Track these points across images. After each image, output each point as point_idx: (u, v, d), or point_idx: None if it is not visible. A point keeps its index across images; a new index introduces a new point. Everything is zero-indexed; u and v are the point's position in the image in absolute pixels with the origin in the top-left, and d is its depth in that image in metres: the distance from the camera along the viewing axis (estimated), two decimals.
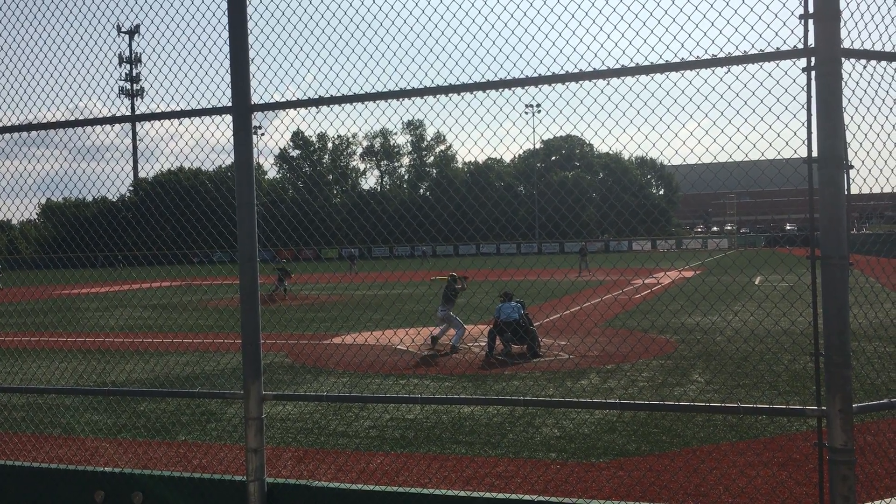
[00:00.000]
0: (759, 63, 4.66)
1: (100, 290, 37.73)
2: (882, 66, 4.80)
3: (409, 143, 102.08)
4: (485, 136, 5.94)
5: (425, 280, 18.69)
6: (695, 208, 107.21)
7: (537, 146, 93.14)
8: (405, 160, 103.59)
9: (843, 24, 4.45)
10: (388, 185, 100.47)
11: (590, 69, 5.03)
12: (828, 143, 4.42)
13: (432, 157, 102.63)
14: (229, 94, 5.77)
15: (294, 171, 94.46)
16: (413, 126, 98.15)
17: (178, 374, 14.26)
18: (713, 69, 4.79)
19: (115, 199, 53.01)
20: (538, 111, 26.67)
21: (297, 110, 5.94)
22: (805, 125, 4.59)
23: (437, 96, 5.48)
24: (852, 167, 4.70)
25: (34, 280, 33.61)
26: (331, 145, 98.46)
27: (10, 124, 6.84)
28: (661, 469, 7.98)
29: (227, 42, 5.74)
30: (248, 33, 5.74)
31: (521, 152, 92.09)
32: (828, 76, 4.41)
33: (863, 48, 4.63)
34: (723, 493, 7.26)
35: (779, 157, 5.03)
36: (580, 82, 5.13)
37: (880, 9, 4.71)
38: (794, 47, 4.56)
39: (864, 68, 4.71)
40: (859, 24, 4.64)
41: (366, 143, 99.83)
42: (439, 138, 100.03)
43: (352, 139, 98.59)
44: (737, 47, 4.68)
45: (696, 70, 4.83)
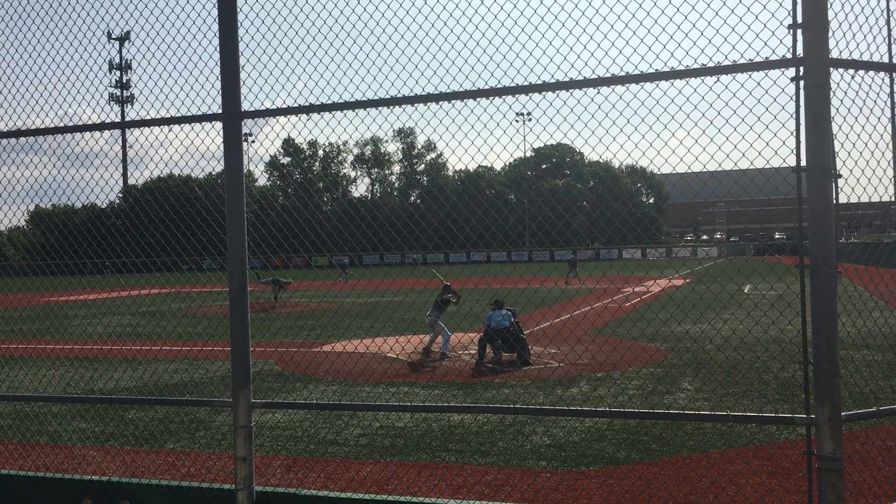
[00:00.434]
0: (748, 72, 4.69)
1: (88, 298, 37.53)
2: (870, 76, 4.84)
3: (399, 151, 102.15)
4: (475, 144, 5.95)
5: (429, 272, 18.67)
6: (684, 217, 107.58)
7: (528, 154, 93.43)
8: (396, 168, 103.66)
9: (831, 34, 4.48)
10: (378, 193, 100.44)
11: (580, 78, 5.05)
12: (816, 153, 4.45)
13: (423, 165, 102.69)
14: (220, 100, 5.76)
15: (284, 178, 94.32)
16: (404, 134, 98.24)
17: (167, 381, 14.18)
18: (702, 78, 4.82)
19: (105, 205, 52.77)
20: (529, 119, 26.75)
21: (288, 117, 5.94)
22: (794, 134, 4.61)
23: (428, 104, 5.49)
24: (840, 176, 4.73)
25: (22, 287, 33.41)
26: (321, 153, 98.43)
27: None
28: (650, 477, 7.98)
29: (218, 49, 5.74)
30: (239, 40, 5.73)
31: (511, 160, 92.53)
32: (816, 86, 4.44)
33: (851, 58, 4.67)
34: (712, 501, 7.26)
35: (768, 166, 5.05)
36: (570, 91, 5.14)
37: (868, 19, 4.75)
38: (783, 57, 4.59)
39: (853, 78, 4.75)
40: (847, 35, 4.67)
41: (356, 150, 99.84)
42: (430, 146, 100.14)
43: (342, 146, 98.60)
44: (726, 57, 4.70)
45: (686, 79, 4.85)
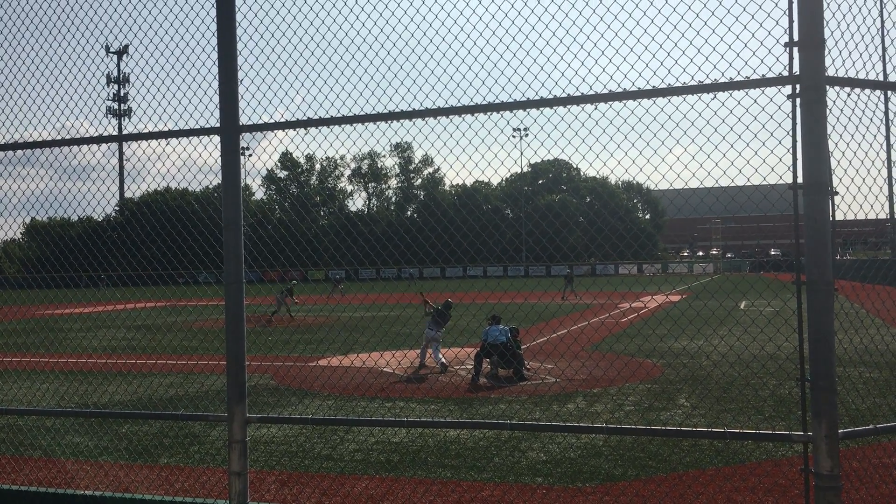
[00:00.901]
0: (745, 90, 4.71)
1: (83, 311, 37.42)
2: (866, 94, 4.86)
3: (396, 166, 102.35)
4: (472, 158, 5.96)
5: (413, 303, 18.55)
6: (681, 233, 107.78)
7: (524, 170, 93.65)
8: (393, 182, 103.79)
9: (827, 52, 4.51)
10: (375, 208, 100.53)
11: (577, 94, 5.07)
12: (813, 170, 4.46)
13: (420, 180, 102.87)
14: (217, 114, 5.77)
15: (281, 192, 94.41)
16: (401, 148, 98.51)
17: (162, 395, 14.12)
18: (699, 95, 4.84)
19: (101, 218, 52.72)
20: (526, 135, 26.81)
21: (286, 131, 5.95)
22: (790, 151, 4.63)
23: (426, 119, 5.51)
24: (837, 193, 4.74)
25: (17, 300, 33.31)
26: (318, 167, 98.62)
27: None
28: (647, 494, 7.94)
29: (216, 63, 5.75)
30: (238, 54, 5.75)
31: (508, 175, 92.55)
32: (812, 103, 4.46)
33: (847, 76, 4.69)
34: None
35: (764, 182, 5.07)
36: (568, 107, 5.16)
37: (864, 38, 4.78)
38: (780, 74, 4.61)
39: (849, 96, 4.77)
40: (843, 53, 4.70)
41: (354, 164, 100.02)
42: (427, 161, 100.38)
43: (340, 161, 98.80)
44: (723, 74, 4.73)
45: (683, 96, 4.87)
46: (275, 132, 6.01)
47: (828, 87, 4.52)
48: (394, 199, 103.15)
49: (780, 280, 40.24)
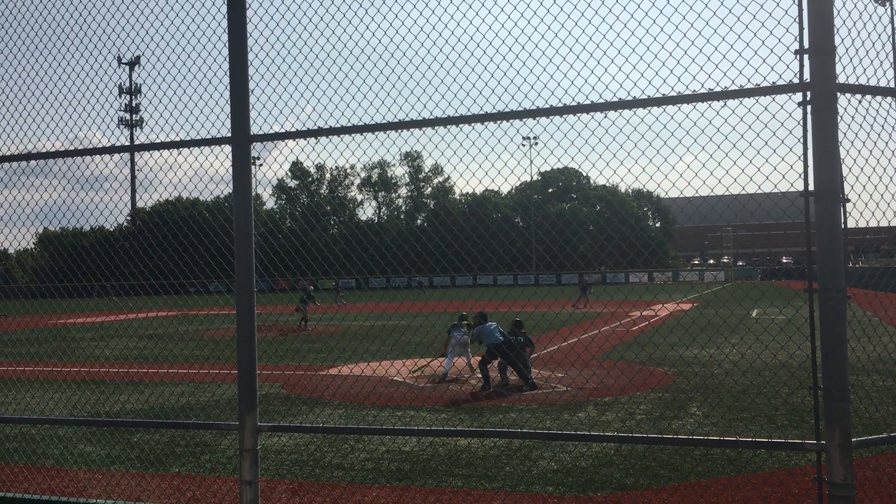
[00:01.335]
0: (756, 97, 4.71)
1: (95, 320, 37.58)
2: (877, 101, 4.85)
3: (406, 175, 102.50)
4: (482, 167, 5.97)
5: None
6: (692, 241, 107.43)
7: (534, 178, 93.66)
8: (403, 191, 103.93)
9: (838, 59, 4.50)
10: (385, 216, 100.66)
11: (587, 102, 5.07)
12: (824, 177, 4.45)
13: (430, 189, 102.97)
14: (228, 124, 5.81)
15: (292, 201, 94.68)
16: (411, 157, 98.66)
17: (173, 404, 14.15)
18: (709, 103, 4.83)
19: (113, 228, 52.97)
20: (535, 143, 26.82)
21: (296, 141, 5.97)
22: (801, 159, 4.62)
23: (436, 128, 5.52)
24: (849, 201, 4.72)
25: (30, 309, 33.48)
26: (329, 176, 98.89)
27: (9, 154, 6.86)
28: (659, 503, 7.90)
29: (227, 73, 5.79)
30: (248, 64, 5.78)
31: (518, 184, 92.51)
32: (823, 110, 4.45)
33: (858, 83, 4.68)
34: None
35: (775, 190, 5.05)
36: (577, 115, 5.16)
37: (874, 45, 4.77)
38: (790, 82, 4.60)
39: (860, 103, 4.76)
40: (854, 60, 4.69)
41: (364, 173, 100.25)
42: (437, 170, 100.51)
43: (350, 170, 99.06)
44: (733, 81, 4.72)
45: (693, 104, 4.87)
46: (285, 142, 6.04)
47: (839, 94, 4.51)
48: (404, 207, 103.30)
49: (792, 288, 40.04)
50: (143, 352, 23.88)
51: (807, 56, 4.53)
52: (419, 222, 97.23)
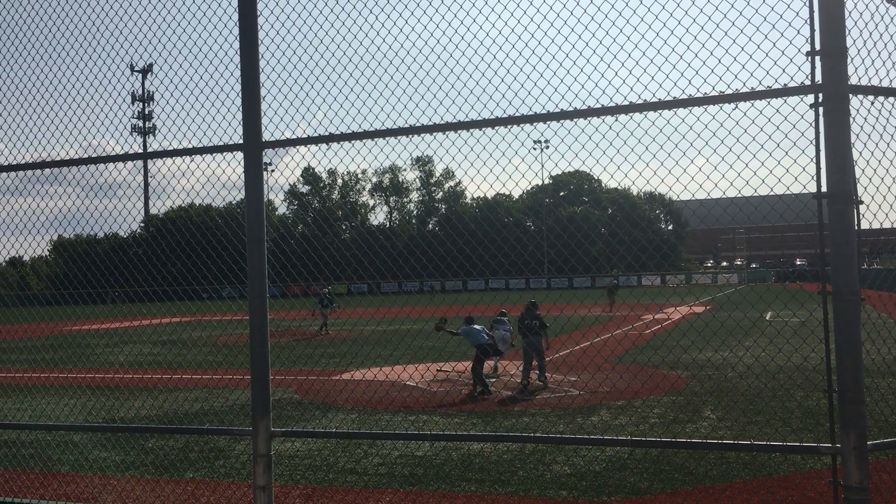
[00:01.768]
0: (767, 99, 4.69)
1: (109, 327, 37.78)
2: (889, 102, 4.82)
3: (417, 179, 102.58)
4: (493, 171, 5.97)
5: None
6: (704, 243, 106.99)
7: (546, 182, 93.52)
8: (414, 196, 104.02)
9: (850, 60, 4.48)
10: (396, 221, 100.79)
11: (598, 105, 5.07)
12: (837, 179, 4.43)
13: (441, 193, 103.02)
14: (240, 131, 5.84)
15: (304, 207, 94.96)
16: (422, 162, 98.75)
17: (187, 410, 14.20)
18: (721, 105, 4.82)
19: (127, 235, 53.24)
20: (546, 147, 26.83)
21: (308, 147, 5.99)
22: (814, 161, 4.60)
23: (447, 133, 5.53)
24: (862, 202, 4.69)
25: (45, 316, 33.68)
26: (340, 181, 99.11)
27: (23, 162, 6.92)
28: None
29: (239, 80, 5.82)
30: (260, 71, 5.81)
31: (529, 188, 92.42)
32: (835, 112, 4.43)
33: (870, 84, 4.65)
34: None
35: (788, 192, 5.03)
36: (588, 119, 5.16)
37: (887, 46, 4.75)
38: (802, 84, 4.58)
39: (872, 104, 4.73)
40: (866, 61, 4.67)
41: (375, 179, 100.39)
42: (448, 174, 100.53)
43: (361, 175, 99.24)
44: (744, 84, 4.71)
45: (705, 106, 4.86)
46: (297, 147, 6.06)
47: (851, 95, 4.49)
48: (415, 212, 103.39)
49: (806, 290, 39.80)
50: (157, 357, 23.98)
51: (818, 58, 4.52)
52: (431, 227, 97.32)
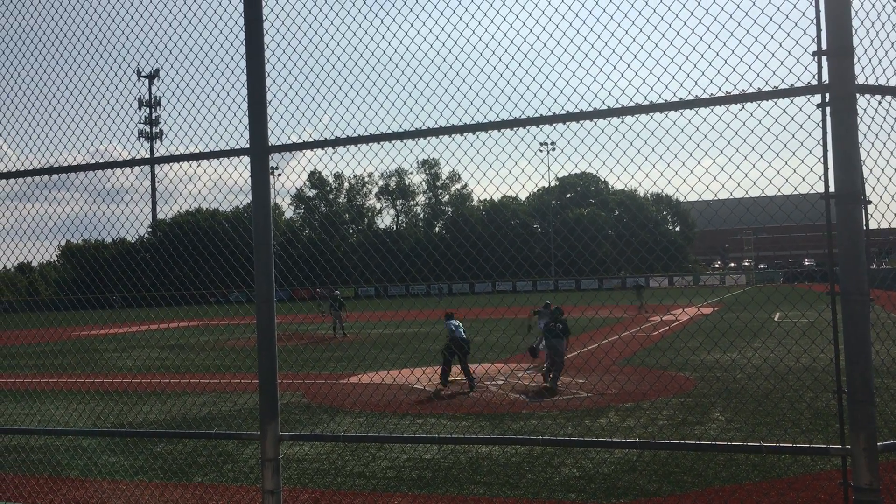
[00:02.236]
0: (774, 100, 4.67)
1: (118, 331, 37.87)
2: None
3: (424, 182, 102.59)
4: (500, 174, 5.96)
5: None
6: (711, 244, 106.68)
7: (552, 184, 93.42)
8: (421, 199, 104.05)
9: (857, 59, 4.46)
10: (403, 224, 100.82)
11: (604, 107, 5.06)
12: (844, 179, 4.41)
13: (448, 196, 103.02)
14: (247, 135, 5.85)
15: (310, 210, 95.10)
16: (428, 165, 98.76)
17: (195, 414, 14.23)
18: (728, 106, 4.80)
19: (134, 240, 53.38)
20: (553, 149, 26.83)
21: (314, 151, 5.99)
22: (821, 161, 4.58)
23: (453, 136, 5.52)
24: (870, 202, 4.67)
25: (53, 321, 33.77)
26: (346, 185, 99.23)
27: (31, 168, 6.95)
28: None
29: (245, 85, 5.83)
30: (266, 76, 5.82)
31: (536, 190, 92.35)
32: (843, 112, 4.41)
33: (877, 84, 4.63)
34: None
35: (795, 192, 5.01)
36: (594, 120, 5.15)
37: (894, 45, 4.73)
38: (809, 84, 4.56)
39: (880, 104, 4.71)
40: (873, 61, 4.65)
41: (381, 182, 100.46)
42: (455, 177, 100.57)
43: (367, 178, 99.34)
44: (751, 84, 4.69)
45: (711, 107, 4.84)
46: (303, 152, 6.07)
47: (858, 95, 4.47)
48: (422, 215, 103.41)
49: (815, 291, 39.66)
50: (164, 362, 24.03)
51: (825, 58, 4.50)
52: (437, 230, 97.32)
